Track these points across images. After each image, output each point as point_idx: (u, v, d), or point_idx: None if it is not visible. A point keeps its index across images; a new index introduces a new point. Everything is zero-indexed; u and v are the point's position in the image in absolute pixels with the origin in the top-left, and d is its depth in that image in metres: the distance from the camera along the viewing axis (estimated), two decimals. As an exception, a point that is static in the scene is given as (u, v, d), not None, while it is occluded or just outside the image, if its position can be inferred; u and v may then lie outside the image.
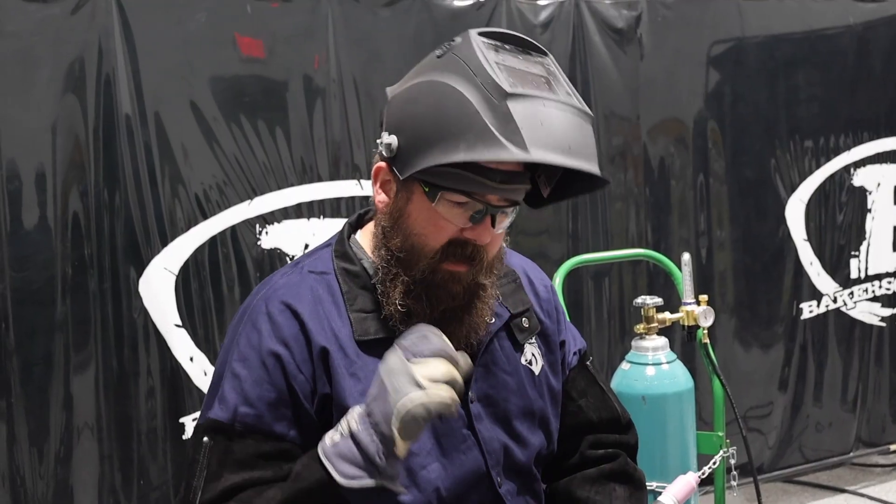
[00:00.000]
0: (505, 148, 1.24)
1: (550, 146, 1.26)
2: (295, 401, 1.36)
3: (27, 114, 2.71)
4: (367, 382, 1.36)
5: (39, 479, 2.76)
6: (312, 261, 1.48)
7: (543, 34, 3.49)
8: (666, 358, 2.94)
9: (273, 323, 1.39)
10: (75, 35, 2.75)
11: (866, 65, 4.13)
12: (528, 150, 1.24)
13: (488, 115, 1.25)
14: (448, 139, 1.27)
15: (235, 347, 1.40)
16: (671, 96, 3.78)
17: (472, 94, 1.27)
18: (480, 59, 1.29)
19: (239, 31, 2.97)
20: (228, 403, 1.36)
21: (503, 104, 1.25)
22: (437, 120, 1.29)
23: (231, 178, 2.98)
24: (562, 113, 1.29)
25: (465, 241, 1.36)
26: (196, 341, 2.96)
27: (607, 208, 3.68)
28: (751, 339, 4.03)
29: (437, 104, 1.30)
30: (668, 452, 2.89)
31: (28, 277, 2.73)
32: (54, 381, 2.77)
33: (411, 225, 1.37)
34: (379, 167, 1.41)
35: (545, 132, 1.26)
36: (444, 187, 1.32)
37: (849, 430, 4.28)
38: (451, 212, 1.34)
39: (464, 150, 1.25)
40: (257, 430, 1.35)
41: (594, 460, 1.59)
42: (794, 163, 4.03)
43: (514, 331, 1.52)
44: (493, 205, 1.34)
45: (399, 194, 1.38)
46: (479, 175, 1.30)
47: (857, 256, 4.21)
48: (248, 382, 1.36)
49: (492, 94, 1.26)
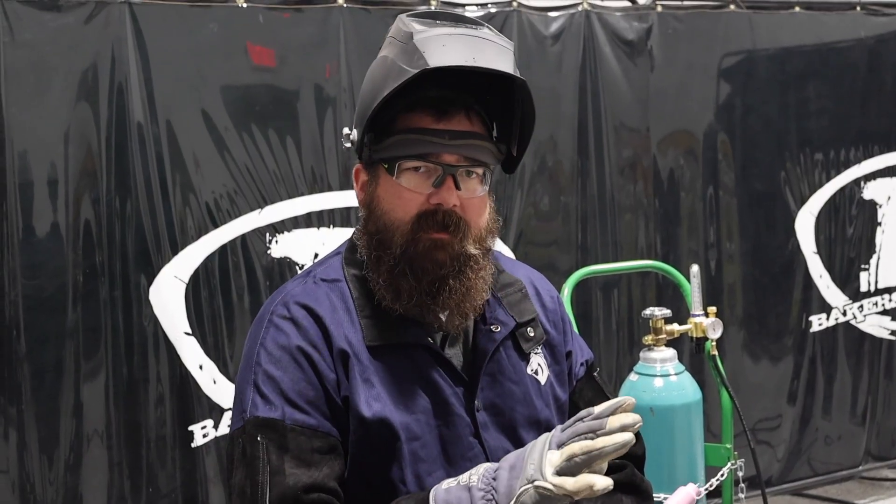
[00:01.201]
0: (407, 72, 1.34)
1: (451, 59, 1.34)
2: (329, 398, 1.37)
3: (40, 121, 2.73)
4: (379, 388, 1.37)
5: (49, 486, 2.77)
6: (324, 269, 1.49)
7: (554, 45, 3.50)
8: (674, 369, 2.93)
9: (297, 325, 1.40)
10: (88, 44, 2.78)
11: (877, 78, 4.12)
12: (427, 64, 1.33)
13: (401, 59, 1.36)
14: (377, 95, 1.38)
15: (262, 350, 1.40)
16: (681, 108, 3.78)
17: (392, 53, 1.39)
18: (402, 28, 1.40)
19: (251, 40, 2.99)
20: (274, 403, 1.36)
21: (411, 43, 1.36)
22: (370, 90, 1.42)
23: (241, 187, 3.00)
24: (471, 38, 1.37)
25: (434, 209, 1.39)
26: (206, 349, 2.97)
27: (616, 220, 3.68)
28: (760, 351, 4.03)
29: (369, 77, 1.44)
30: (675, 464, 2.88)
31: (39, 285, 2.75)
32: (64, 388, 2.78)
33: (381, 205, 1.42)
34: (356, 169, 1.49)
35: (447, 50, 1.35)
36: (399, 157, 1.39)
37: (858, 443, 4.27)
38: (413, 180, 1.40)
39: (383, 94, 1.36)
40: (307, 426, 1.35)
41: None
42: (805, 175, 4.02)
43: (519, 340, 1.52)
44: (451, 164, 1.39)
45: (370, 184, 1.45)
46: (429, 136, 1.38)
47: (867, 270, 4.20)
48: (286, 382, 1.36)
49: (404, 42, 1.37)
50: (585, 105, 3.58)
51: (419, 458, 1.38)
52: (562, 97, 3.50)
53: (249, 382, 1.39)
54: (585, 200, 3.62)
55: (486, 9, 3.39)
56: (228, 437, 1.44)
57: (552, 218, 3.58)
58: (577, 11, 3.54)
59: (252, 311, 3.02)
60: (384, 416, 1.37)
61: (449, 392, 1.41)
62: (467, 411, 1.43)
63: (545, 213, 3.56)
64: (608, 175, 3.65)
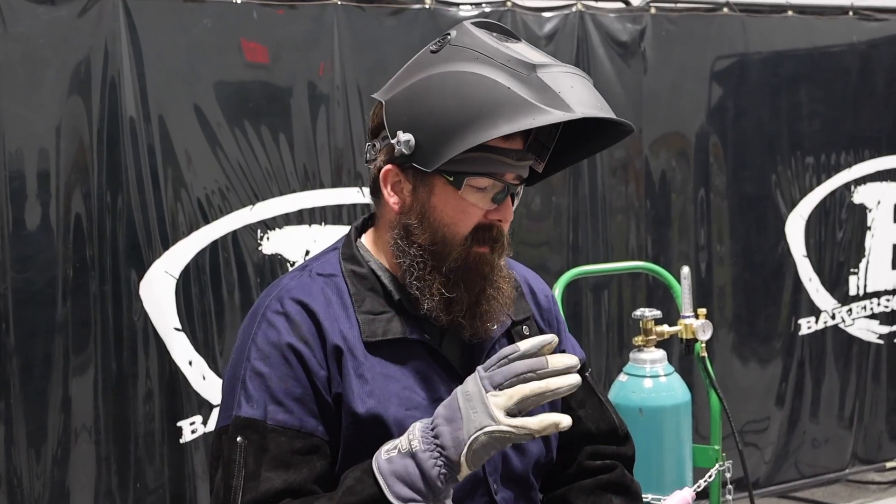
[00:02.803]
0: (549, 112, 1.31)
1: (587, 105, 1.35)
2: (318, 396, 1.37)
3: (32, 115, 2.72)
4: (374, 384, 1.38)
5: (36, 480, 2.76)
6: (320, 263, 1.49)
7: (548, 45, 3.50)
8: (664, 370, 2.94)
9: (290, 321, 1.39)
10: (81, 38, 2.77)
11: (869, 83, 4.14)
12: (573, 110, 1.32)
13: (522, 89, 1.32)
14: (483, 118, 1.31)
15: (253, 346, 1.40)
16: (674, 110, 3.79)
17: (495, 74, 1.33)
18: (490, 42, 1.36)
19: (244, 36, 2.99)
20: (257, 401, 1.36)
21: (534, 76, 1.32)
22: (462, 105, 1.32)
23: (233, 183, 2.99)
24: (581, 78, 1.40)
25: (490, 223, 1.41)
26: (195, 345, 2.96)
27: (608, 221, 3.69)
28: (749, 353, 4.04)
29: (457, 91, 1.33)
30: (664, 465, 2.89)
31: (29, 278, 2.74)
32: (53, 382, 2.77)
33: (439, 216, 1.40)
34: (387, 170, 1.42)
35: (577, 94, 1.35)
36: (468, 173, 1.37)
37: (845, 446, 4.29)
38: (475, 196, 1.39)
39: (505, 124, 1.30)
40: (289, 426, 1.35)
41: (592, 471, 1.59)
42: (795, 179, 4.04)
43: (514, 338, 1.52)
44: (510, 182, 1.42)
45: (418, 191, 1.40)
46: (499, 155, 1.37)
47: (856, 273, 4.22)
48: (273, 379, 1.36)
49: (519, 70, 1.33)
50: (578, 106, 3.57)
51: None
52: (555, 98, 3.49)
53: (238, 379, 1.39)
54: (577, 201, 3.63)
55: (480, 8, 3.39)
56: (215, 432, 1.43)
57: (544, 218, 3.58)
58: (571, 12, 3.55)
59: (242, 307, 3.02)
60: (377, 412, 1.37)
61: (444, 388, 1.42)
62: None
63: (537, 213, 3.56)
64: (600, 176, 3.66)
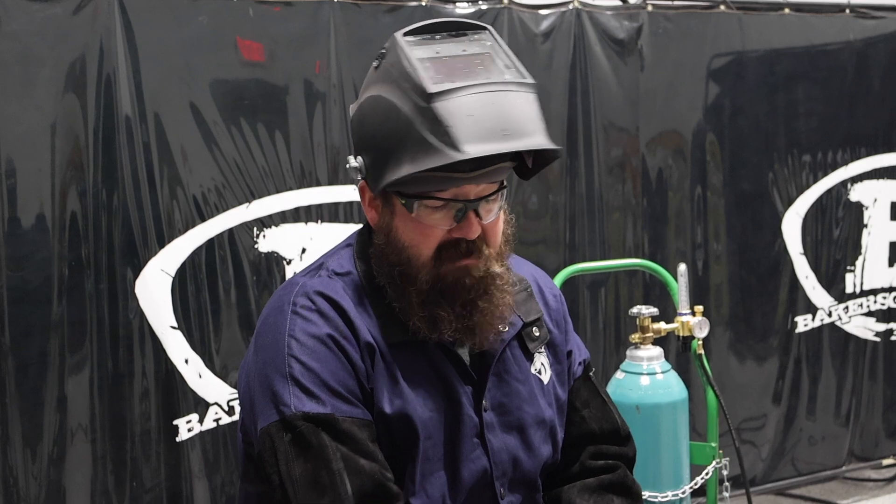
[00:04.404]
0: (441, 153, 1.23)
1: (484, 136, 1.24)
2: (362, 387, 1.36)
3: (27, 113, 2.71)
4: (401, 384, 1.37)
5: (32, 480, 2.75)
6: (336, 262, 1.46)
7: (544, 43, 3.50)
8: (660, 368, 2.94)
9: (323, 315, 1.36)
10: (77, 35, 2.76)
11: (865, 81, 4.14)
12: (460, 148, 1.22)
13: (420, 122, 1.25)
14: (396, 152, 1.27)
15: (292, 340, 1.35)
16: (670, 108, 3.79)
17: (403, 103, 1.27)
18: (404, 62, 1.29)
19: (240, 34, 2.98)
20: (319, 396, 1.32)
21: (430, 107, 1.24)
22: (384, 135, 1.30)
23: (230, 181, 2.99)
24: (494, 95, 1.27)
25: (456, 240, 1.34)
26: (191, 343, 2.95)
27: (604, 219, 3.69)
28: (745, 351, 4.04)
29: (381, 120, 1.31)
30: (661, 462, 2.89)
31: (25, 277, 2.73)
32: (49, 381, 2.76)
33: (401, 237, 1.36)
34: (362, 185, 1.42)
35: (475, 123, 1.24)
36: (417, 195, 1.31)
37: (842, 444, 4.29)
38: (432, 217, 1.33)
39: (408, 163, 1.26)
40: (356, 416, 1.33)
41: (594, 470, 1.58)
42: (792, 177, 4.04)
43: (525, 340, 1.51)
44: (470, 199, 1.32)
45: (384, 210, 1.39)
46: (449, 171, 1.28)
47: (853, 271, 4.22)
48: (326, 373, 1.33)
49: (419, 99, 1.25)
50: (575, 104, 3.58)
51: (426, 458, 1.38)
52: (551, 95, 3.50)
53: (284, 374, 1.34)
54: (574, 199, 3.62)
55: (476, 5, 3.39)
56: (264, 432, 1.34)
57: (540, 216, 3.58)
58: (567, 10, 3.54)
59: (239, 305, 3.01)
60: (406, 412, 1.36)
61: (461, 391, 1.41)
62: (475, 411, 1.43)
63: (533, 212, 3.56)
64: (597, 174, 3.65)
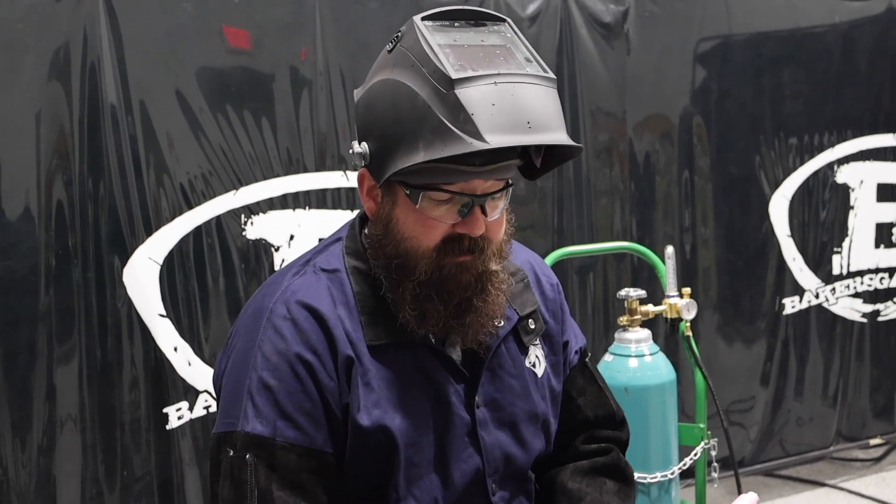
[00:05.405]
0: (462, 141, 1.18)
1: (507, 127, 1.18)
2: (327, 408, 1.31)
3: (11, 101, 2.69)
4: (380, 391, 1.33)
5: (22, 469, 2.75)
6: (324, 257, 1.41)
7: (531, 27, 3.49)
8: (649, 350, 2.96)
9: (298, 328, 1.32)
10: (61, 23, 2.74)
11: (851, 63, 4.15)
12: (483, 138, 1.17)
13: (439, 108, 1.19)
14: (408, 139, 1.21)
15: (259, 353, 1.32)
16: (657, 92, 3.79)
17: (421, 88, 1.21)
18: (424, 46, 1.22)
19: (226, 21, 2.96)
20: (266, 417, 1.29)
21: (451, 93, 1.18)
22: (395, 120, 1.24)
23: (216, 169, 2.98)
24: (516, 87, 1.21)
25: (459, 235, 1.29)
26: (180, 331, 2.95)
27: (592, 203, 3.69)
28: (733, 334, 4.06)
29: (393, 104, 1.24)
30: (650, 443, 2.91)
31: (11, 266, 2.72)
32: (37, 371, 2.76)
33: (401, 229, 1.31)
34: (362, 173, 1.36)
35: (499, 113, 1.18)
36: (423, 186, 1.26)
37: (829, 424, 4.32)
38: (437, 210, 1.28)
39: (423, 150, 1.20)
40: (299, 443, 1.29)
41: (587, 454, 1.58)
42: (779, 160, 4.05)
43: (520, 333, 1.48)
44: (478, 195, 1.28)
45: (384, 199, 1.33)
46: (458, 164, 1.23)
47: (840, 253, 4.24)
48: (282, 393, 1.29)
49: (440, 85, 1.19)
50: (562, 88, 3.57)
51: (412, 464, 1.35)
52: (538, 80, 3.49)
53: (243, 386, 1.31)
54: (562, 184, 3.63)
55: (462, -9, 3.38)
56: (214, 438, 1.34)
57: (528, 201, 3.58)
58: (553, -6, 3.54)
59: (227, 292, 3.01)
60: (383, 423, 1.32)
61: (451, 391, 1.38)
62: (467, 408, 1.40)
63: (521, 197, 3.56)
64: (584, 158, 3.66)
